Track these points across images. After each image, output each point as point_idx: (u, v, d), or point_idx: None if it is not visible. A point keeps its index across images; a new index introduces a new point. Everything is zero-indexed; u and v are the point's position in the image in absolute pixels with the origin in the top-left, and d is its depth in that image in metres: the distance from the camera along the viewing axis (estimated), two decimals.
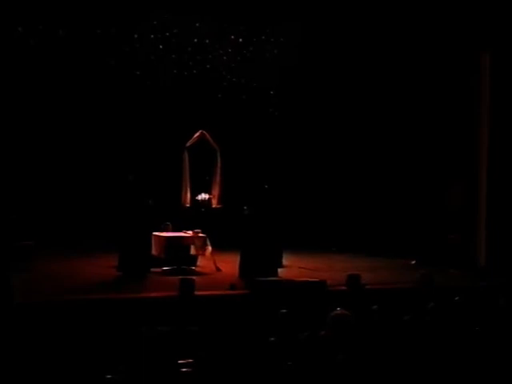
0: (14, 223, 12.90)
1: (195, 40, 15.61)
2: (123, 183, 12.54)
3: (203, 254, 12.91)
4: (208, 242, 12.83)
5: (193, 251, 12.88)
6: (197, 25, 15.51)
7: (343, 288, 9.28)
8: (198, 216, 13.97)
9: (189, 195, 14.35)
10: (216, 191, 14.52)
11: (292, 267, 13.25)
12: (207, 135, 14.48)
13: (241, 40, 15.93)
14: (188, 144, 14.41)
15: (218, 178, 14.58)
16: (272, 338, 6.22)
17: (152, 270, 12.31)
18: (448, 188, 15.00)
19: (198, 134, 14.43)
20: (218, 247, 13.15)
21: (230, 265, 13.19)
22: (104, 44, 14.83)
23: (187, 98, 15.75)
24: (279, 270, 12.67)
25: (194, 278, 9.74)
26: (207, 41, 15.70)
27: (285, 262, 13.51)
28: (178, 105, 15.72)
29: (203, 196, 14.29)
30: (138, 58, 15.28)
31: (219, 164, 14.63)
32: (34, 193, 14.90)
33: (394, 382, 5.78)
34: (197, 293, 8.85)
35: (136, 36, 15.18)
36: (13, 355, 6.47)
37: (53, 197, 15.14)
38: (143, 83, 15.41)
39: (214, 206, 14.47)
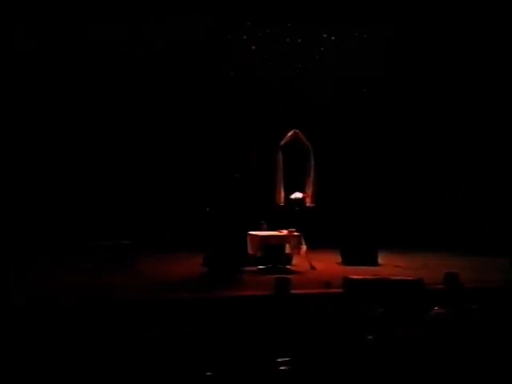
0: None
1: (287, 40, 15.71)
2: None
3: (298, 253, 12.98)
4: (303, 241, 12.89)
5: (288, 250, 12.97)
6: (289, 25, 15.56)
7: (440, 287, 9.13)
8: (292, 215, 14.02)
9: (282, 194, 14.41)
10: (310, 190, 14.52)
11: (387, 265, 13.18)
12: (300, 134, 14.50)
13: (333, 38, 15.93)
14: (282, 143, 14.48)
15: (311, 177, 14.59)
16: (370, 337, 6.22)
17: (248, 268, 12.46)
18: None
19: (291, 133, 14.47)
20: (313, 246, 13.19)
21: (324, 263, 13.24)
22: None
23: (281, 97, 15.90)
24: (374, 268, 12.66)
25: (289, 276, 9.80)
26: (299, 40, 15.77)
27: (380, 260, 13.47)
28: (272, 105, 15.87)
29: (297, 195, 14.32)
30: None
31: (312, 163, 14.64)
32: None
33: (493, 381, 5.70)
34: (292, 291, 8.89)
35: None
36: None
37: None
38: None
39: (307, 204, 14.48)
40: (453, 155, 16.35)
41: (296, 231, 12.96)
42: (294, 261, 13.17)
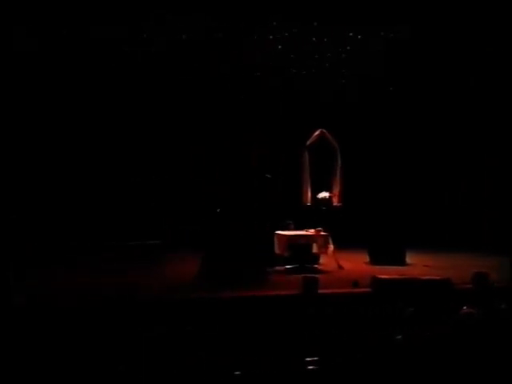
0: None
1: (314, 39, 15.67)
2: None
3: (325, 253, 12.96)
4: (330, 241, 12.88)
5: (315, 249, 12.96)
6: (314, 23, 15.52)
7: (468, 286, 9.08)
8: (319, 214, 14.02)
9: (309, 194, 14.41)
10: (336, 189, 14.52)
11: (415, 265, 13.13)
12: (327, 134, 14.50)
13: (360, 37, 15.90)
14: (308, 143, 14.48)
15: (338, 177, 14.59)
16: (398, 337, 6.21)
17: (275, 268, 12.46)
18: None
19: (317, 132, 14.47)
20: (340, 245, 13.18)
21: (352, 263, 13.22)
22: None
23: (307, 97, 15.88)
24: (402, 267, 12.62)
25: (317, 276, 9.80)
26: (326, 39, 15.73)
27: (408, 260, 13.41)
28: (298, 104, 15.87)
29: (324, 194, 14.31)
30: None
31: (339, 162, 14.64)
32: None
33: None
34: (320, 291, 8.89)
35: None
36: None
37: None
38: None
39: (334, 204, 14.47)
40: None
41: (323, 231, 12.95)
42: (322, 260, 13.15)
